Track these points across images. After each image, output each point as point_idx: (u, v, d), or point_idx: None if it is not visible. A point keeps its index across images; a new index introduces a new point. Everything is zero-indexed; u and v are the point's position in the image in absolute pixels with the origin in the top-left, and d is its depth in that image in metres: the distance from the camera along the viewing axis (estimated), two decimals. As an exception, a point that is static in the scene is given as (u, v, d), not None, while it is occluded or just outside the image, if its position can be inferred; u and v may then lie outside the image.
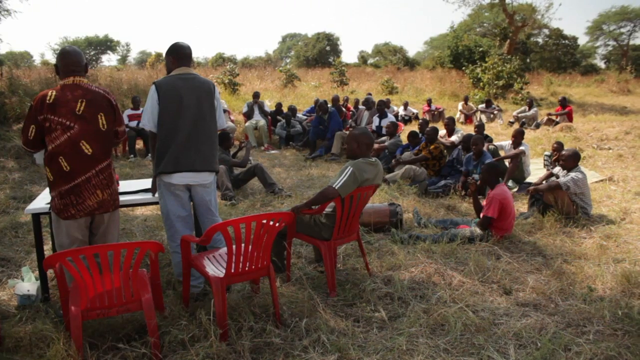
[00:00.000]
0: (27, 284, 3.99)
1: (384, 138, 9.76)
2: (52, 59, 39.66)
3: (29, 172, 9.16)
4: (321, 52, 42.90)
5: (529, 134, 12.26)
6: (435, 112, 16.28)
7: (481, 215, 5.21)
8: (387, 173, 8.02)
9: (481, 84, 21.81)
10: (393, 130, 9.75)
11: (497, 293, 3.92)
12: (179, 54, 3.75)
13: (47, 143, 3.26)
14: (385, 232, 5.42)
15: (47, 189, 4.48)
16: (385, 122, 10.47)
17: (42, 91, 3.33)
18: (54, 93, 3.24)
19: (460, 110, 16.39)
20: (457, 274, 4.23)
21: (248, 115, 12.81)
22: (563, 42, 36.69)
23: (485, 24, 33.28)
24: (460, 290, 3.90)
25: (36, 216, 3.92)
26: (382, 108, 11.04)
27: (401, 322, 3.43)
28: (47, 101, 3.21)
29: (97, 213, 3.41)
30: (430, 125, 8.98)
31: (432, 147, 7.94)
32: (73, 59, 3.34)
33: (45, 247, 4.05)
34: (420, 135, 8.84)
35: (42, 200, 4.05)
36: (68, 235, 3.38)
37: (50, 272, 4.11)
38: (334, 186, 3.78)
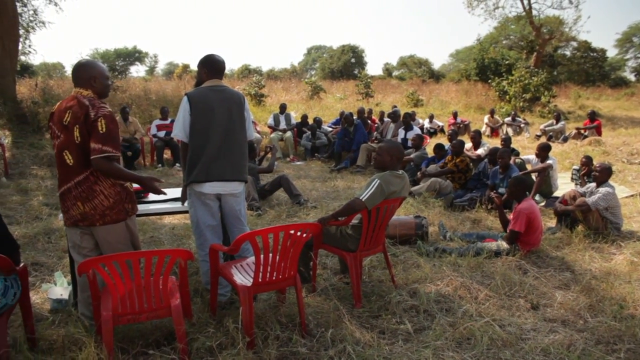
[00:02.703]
0: (60, 288, 4.10)
1: (409, 150, 9.75)
2: (83, 69, 40.38)
3: (60, 180, 9.35)
4: (346, 64, 43.00)
5: (556, 147, 12.12)
6: (461, 125, 16.21)
7: (508, 229, 5.17)
8: (412, 186, 8.01)
9: (507, 96, 21.64)
10: (419, 142, 9.75)
11: (524, 308, 3.89)
12: (213, 68, 3.84)
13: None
14: (410, 244, 5.41)
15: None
16: (410, 135, 10.47)
17: None
18: (57, 105, 3.38)
19: (486, 123, 16.30)
20: (484, 288, 4.20)
21: (274, 127, 12.94)
22: (591, 54, 36.17)
23: (511, 37, 33.06)
24: (487, 305, 3.88)
25: (69, 223, 4.03)
26: (407, 120, 11.05)
27: (427, 335, 3.42)
28: (52, 111, 3.37)
29: (81, 225, 3.35)
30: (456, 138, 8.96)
31: (458, 160, 7.91)
32: (77, 73, 3.38)
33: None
34: (446, 147, 8.82)
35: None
36: (71, 240, 3.47)
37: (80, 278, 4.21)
38: (360, 198, 3.81)
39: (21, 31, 14.12)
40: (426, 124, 15.98)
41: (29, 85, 15.35)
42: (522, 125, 16.04)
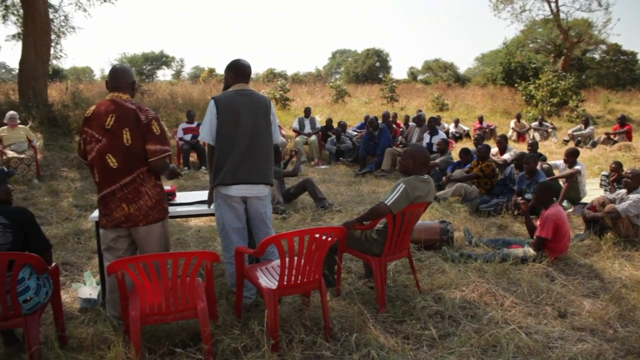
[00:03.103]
0: (89, 288, 4.19)
1: (434, 155, 9.69)
2: (111, 73, 41.20)
3: (90, 182, 9.56)
4: (371, 68, 42.97)
5: (585, 153, 11.93)
6: (487, 130, 16.04)
7: (535, 235, 5.11)
8: (437, 190, 7.96)
9: (534, 101, 21.36)
10: (444, 147, 9.69)
11: (552, 316, 3.83)
12: (239, 72, 3.89)
13: (87, 155, 3.45)
14: (435, 249, 5.38)
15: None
16: (436, 139, 10.42)
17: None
18: (92, 108, 3.44)
19: (512, 128, 16.12)
20: (510, 294, 4.16)
21: (299, 130, 13.00)
22: (622, 57, 35.45)
23: (538, 40, 32.59)
24: (513, 312, 3.84)
25: (98, 224, 4.11)
26: (433, 125, 11.00)
27: (452, 341, 3.40)
28: (86, 116, 3.42)
29: (125, 226, 3.44)
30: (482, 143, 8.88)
31: (483, 165, 7.84)
32: (117, 76, 3.50)
33: (105, 254, 4.23)
34: (472, 152, 8.75)
35: (105, 209, 4.25)
36: (105, 243, 3.53)
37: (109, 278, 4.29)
38: (386, 202, 3.81)
39: (52, 36, 14.46)
40: (451, 128, 15.87)
41: (60, 89, 15.73)
42: (549, 130, 15.82)
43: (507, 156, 8.90)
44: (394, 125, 13.09)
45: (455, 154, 9.85)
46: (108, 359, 3.03)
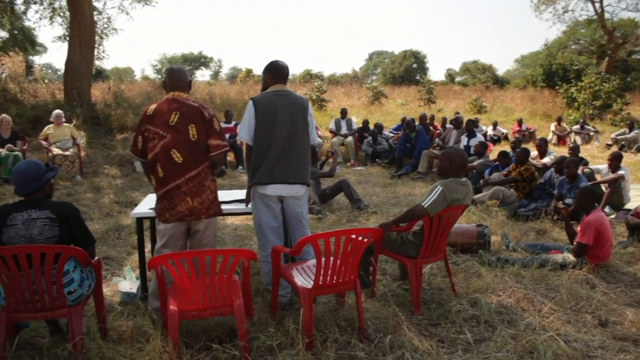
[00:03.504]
0: (129, 282, 4.30)
1: (472, 158, 9.57)
2: (151, 74, 42.22)
3: (130, 179, 9.82)
4: (408, 69, 42.69)
5: (628, 157, 11.60)
6: (526, 133, 15.74)
7: (575, 241, 4.99)
8: (474, 194, 7.85)
9: (576, 104, 20.83)
10: (482, 150, 9.56)
11: (592, 324, 3.74)
12: (277, 73, 3.94)
13: (148, 151, 3.55)
14: (472, 253, 5.32)
15: (149, 195, 4.84)
16: (473, 142, 10.27)
17: (148, 105, 3.66)
18: (154, 106, 3.57)
19: (552, 131, 15.77)
20: (548, 301, 4.07)
21: (335, 131, 13.02)
22: (670, 60, 34.22)
23: (581, 41, 31.75)
24: (551, 318, 3.76)
25: (139, 220, 4.24)
26: (470, 127, 10.85)
27: (487, 346, 3.35)
28: (148, 113, 3.54)
29: (188, 220, 3.58)
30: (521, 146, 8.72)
31: (522, 168, 7.69)
32: (177, 76, 3.68)
33: (145, 250, 4.33)
34: (510, 155, 8.60)
35: (145, 205, 4.37)
36: (167, 238, 3.61)
37: (149, 273, 4.40)
38: (423, 204, 3.79)
39: (96, 38, 14.87)
40: (490, 131, 15.62)
41: (102, 88, 16.13)
42: (591, 133, 15.42)
43: (547, 160, 8.73)
44: (431, 128, 12.97)
45: (493, 157, 9.71)
46: (146, 351, 3.11)
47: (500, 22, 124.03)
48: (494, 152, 10.88)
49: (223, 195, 4.87)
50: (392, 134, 13.29)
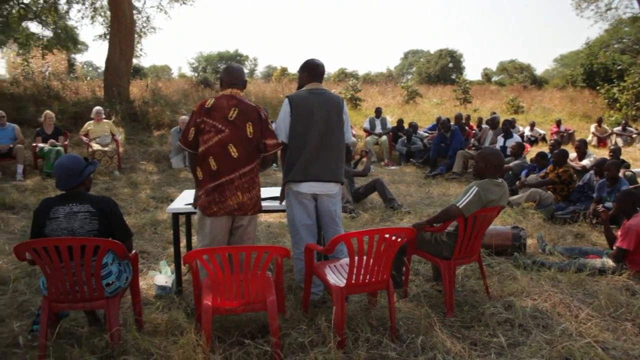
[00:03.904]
0: (164, 276, 4.38)
1: (508, 159, 9.42)
2: (188, 72, 42.86)
3: (166, 175, 9.99)
4: (443, 68, 42.22)
5: (673, 161, 11.20)
6: (565, 134, 15.39)
7: (615, 246, 4.86)
8: (510, 195, 7.72)
9: (618, 104, 20.24)
10: (518, 151, 9.40)
11: (632, 332, 3.62)
12: (313, 72, 3.96)
13: (200, 144, 3.59)
14: (507, 256, 5.23)
15: (185, 191, 4.91)
16: (510, 143, 10.11)
17: (204, 99, 3.73)
18: (212, 100, 3.62)
19: (592, 133, 15.38)
20: (585, 306, 3.98)
21: (369, 130, 13.00)
22: None
23: (625, 40, 30.76)
24: (588, 325, 3.67)
25: (175, 215, 4.31)
26: (507, 128, 10.68)
27: (521, 351, 3.30)
28: (206, 106, 3.58)
29: (236, 214, 3.65)
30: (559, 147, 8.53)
31: (560, 170, 7.52)
32: (235, 74, 3.76)
33: (180, 245, 4.41)
34: (548, 156, 8.43)
35: (181, 201, 4.44)
36: (210, 232, 3.65)
37: (184, 268, 4.48)
38: (457, 205, 3.75)
39: (135, 36, 15.19)
40: (527, 131, 15.34)
41: (140, 86, 16.47)
42: (633, 135, 14.98)
43: (586, 162, 8.53)
44: (466, 128, 12.82)
45: (530, 158, 9.53)
46: (180, 344, 3.16)
47: (539, 20, 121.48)
48: (531, 153, 10.68)
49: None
50: (426, 134, 13.19)
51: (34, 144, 9.62)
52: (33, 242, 2.96)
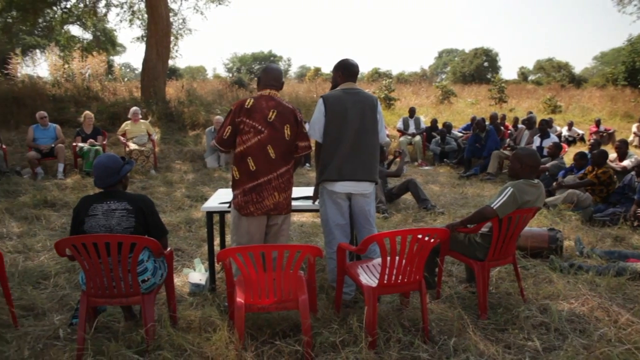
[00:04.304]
0: (198, 274, 4.45)
1: (545, 159, 9.22)
2: (223, 73, 43.37)
3: (200, 174, 10.14)
4: (478, 68, 41.69)
5: None
6: (605, 134, 14.98)
7: (657, 249, 4.71)
8: (547, 196, 7.56)
9: (661, 103, 19.61)
10: (555, 151, 9.20)
11: (675, 339, 3.51)
12: (348, 71, 3.96)
13: (238, 144, 3.64)
14: (542, 258, 5.13)
15: (219, 190, 4.97)
16: (547, 143, 9.90)
17: (242, 98, 3.76)
18: (252, 100, 3.65)
19: (634, 133, 14.92)
20: (625, 311, 3.86)
21: (403, 130, 12.92)
22: None
23: (671, 36, 29.81)
24: (629, 330, 3.56)
25: (209, 214, 4.37)
26: (544, 128, 10.46)
27: (557, 356, 3.23)
28: (246, 106, 3.62)
29: (272, 214, 3.71)
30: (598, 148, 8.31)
31: (599, 171, 7.33)
32: (273, 75, 3.81)
33: (214, 243, 4.47)
34: (588, 156, 8.22)
35: (215, 200, 4.51)
36: (247, 231, 3.70)
37: (217, 266, 4.54)
38: (492, 206, 3.70)
39: (171, 38, 15.45)
40: (564, 131, 15.00)
41: (176, 86, 16.76)
42: (677, 135, 14.48)
43: (627, 162, 8.28)
44: (501, 127, 12.61)
45: (567, 159, 9.32)
46: (213, 341, 3.21)
47: (578, 17, 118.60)
48: (568, 153, 10.44)
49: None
50: (460, 134, 13.04)
51: (74, 144, 9.90)
52: (72, 239, 3.05)
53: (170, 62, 17.69)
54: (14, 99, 12.87)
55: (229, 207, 3.90)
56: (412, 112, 13.28)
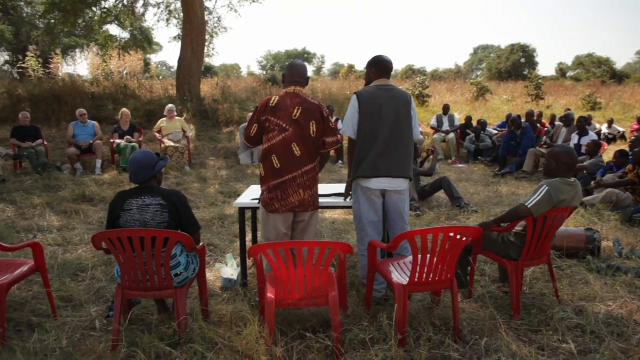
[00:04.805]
0: (230, 269, 4.51)
1: (583, 157, 9.00)
2: (257, 70, 43.71)
3: (234, 171, 10.26)
4: (515, 64, 40.91)
5: None
6: (647, 132, 14.51)
7: (700, 251, 4.55)
8: (585, 196, 7.38)
9: None
10: (594, 149, 8.94)
11: None
12: (381, 68, 3.95)
13: (264, 141, 3.69)
14: (579, 259, 5.00)
15: (251, 187, 5.02)
16: (585, 141, 9.65)
17: (268, 96, 3.78)
18: (277, 98, 3.67)
19: (678, 131, 14.40)
20: (666, 315, 3.75)
21: (437, 128, 12.80)
22: None
23: None
24: (669, 334, 3.46)
25: (242, 210, 4.42)
26: (582, 125, 10.20)
27: (593, 359, 3.15)
28: (271, 104, 3.65)
29: (297, 211, 3.72)
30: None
31: (641, 170, 7.11)
32: (298, 72, 3.79)
33: (246, 239, 4.52)
34: (629, 155, 7.97)
35: (248, 196, 4.55)
36: (274, 228, 3.74)
37: (249, 262, 4.58)
38: (526, 204, 3.63)
39: (206, 37, 15.65)
40: (604, 129, 14.58)
41: (211, 84, 16.97)
42: None
43: (670, 162, 7.99)
44: (538, 125, 12.35)
45: (607, 157, 9.06)
46: (244, 335, 3.25)
47: (619, 11, 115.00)
48: (608, 152, 10.16)
49: (322, 188, 4.95)
50: (496, 131, 12.82)
51: (112, 140, 10.15)
52: (108, 233, 3.12)
53: (206, 60, 17.94)
54: (55, 98, 13.27)
55: (258, 203, 3.93)
56: (446, 109, 13.13)
